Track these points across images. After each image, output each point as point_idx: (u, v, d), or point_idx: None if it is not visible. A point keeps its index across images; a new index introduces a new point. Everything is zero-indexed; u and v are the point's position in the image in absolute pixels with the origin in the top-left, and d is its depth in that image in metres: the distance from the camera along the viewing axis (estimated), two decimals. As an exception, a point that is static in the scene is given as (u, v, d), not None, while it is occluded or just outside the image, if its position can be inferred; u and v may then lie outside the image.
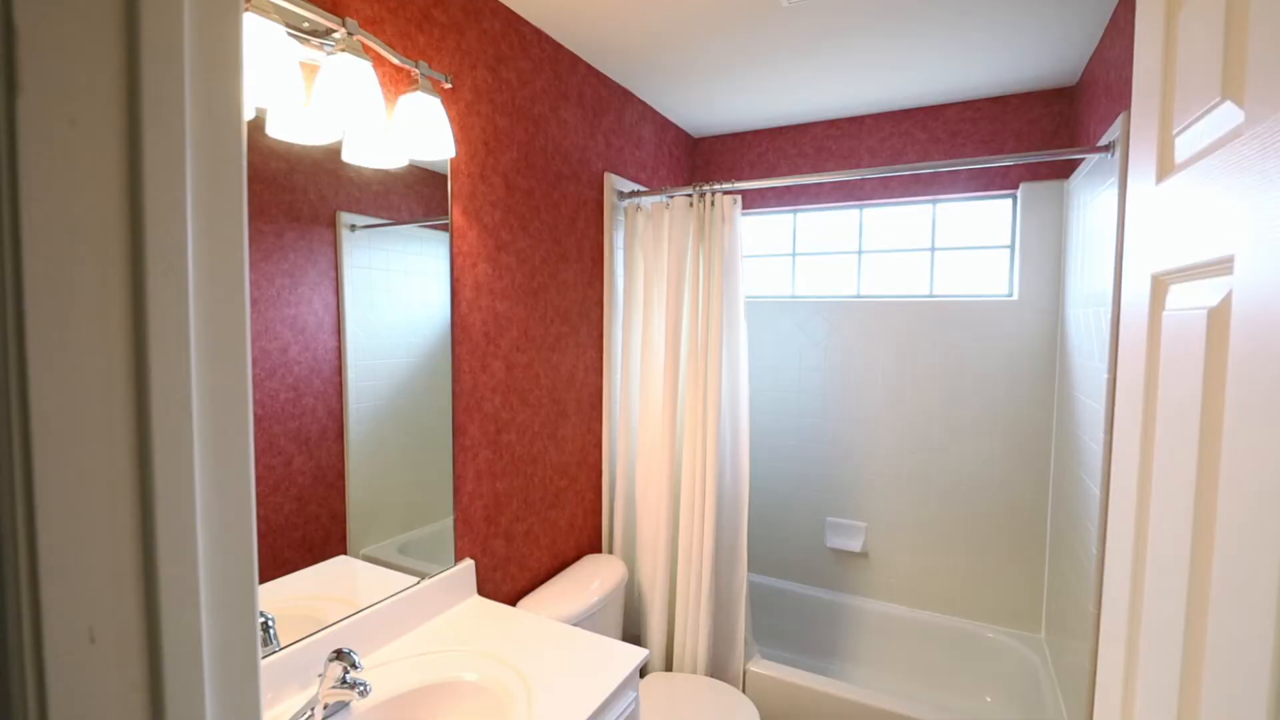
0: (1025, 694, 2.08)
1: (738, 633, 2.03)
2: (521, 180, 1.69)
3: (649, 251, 2.11)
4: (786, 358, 2.67)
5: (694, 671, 1.99)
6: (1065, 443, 2.04)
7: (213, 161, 0.37)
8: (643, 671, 2.06)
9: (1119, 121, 1.49)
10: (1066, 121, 2.20)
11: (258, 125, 1.07)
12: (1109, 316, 1.51)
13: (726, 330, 1.99)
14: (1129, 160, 0.71)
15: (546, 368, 1.81)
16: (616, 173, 2.18)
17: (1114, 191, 1.53)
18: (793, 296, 2.72)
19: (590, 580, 1.81)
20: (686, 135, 2.72)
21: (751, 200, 2.75)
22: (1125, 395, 0.69)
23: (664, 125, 2.50)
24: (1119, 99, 1.59)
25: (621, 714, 1.20)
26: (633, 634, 2.15)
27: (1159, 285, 0.62)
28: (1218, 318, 0.48)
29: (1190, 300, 0.54)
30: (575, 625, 1.57)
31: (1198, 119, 0.55)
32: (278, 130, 1.09)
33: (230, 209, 0.39)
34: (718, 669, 2.04)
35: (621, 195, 2.16)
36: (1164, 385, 0.59)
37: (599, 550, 2.13)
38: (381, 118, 1.14)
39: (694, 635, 2.00)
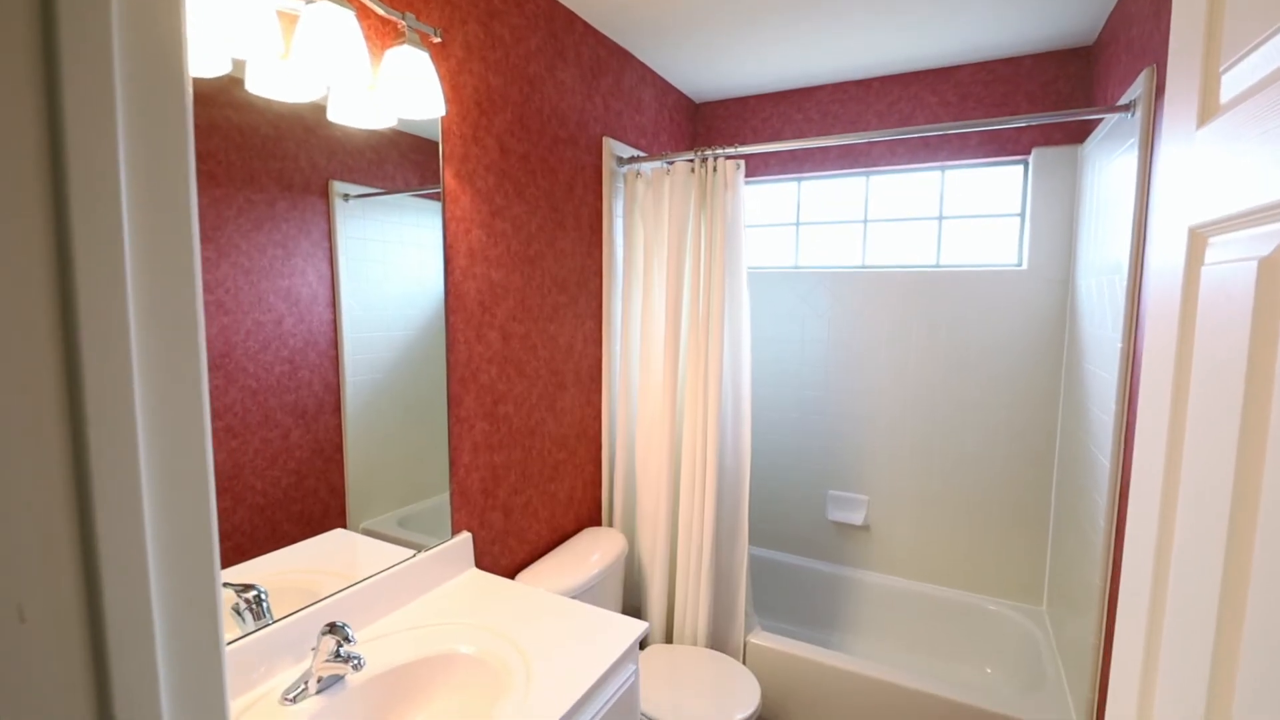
0: (1026, 666, 2.09)
1: (738, 605, 2.03)
2: (516, 143, 1.63)
3: (649, 219, 2.06)
4: (789, 329, 2.62)
5: (694, 644, 1.99)
6: (1072, 414, 2.01)
7: (148, 81, 0.32)
8: (643, 644, 2.06)
9: (1142, 78, 1.43)
10: (1082, 83, 2.12)
11: (237, 81, 1.02)
12: (1125, 284, 1.46)
13: (729, 301, 1.95)
14: (1165, 106, 0.66)
15: (544, 338, 1.77)
16: (616, 137, 2.11)
17: (1133, 154, 1.47)
18: (795, 267, 2.66)
19: (590, 553, 1.79)
20: (688, 100, 2.63)
21: (754, 167, 2.67)
22: (1153, 360, 0.65)
23: (665, 89, 2.42)
24: (1141, 55, 1.52)
25: (621, 686, 1.19)
26: (633, 606, 2.15)
27: (1196, 239, 0.58)
28: (1270, 267, 0.44)
29: (1235, 252, 0.50)
30: (574, 598, 1.55)
31: (1252, 50, 0.50)
32: (257, 85, 1.04)
33: (174, 148, 0.34)
34: (718, 641, 2.03)
35: (621, 161, 2.10)
36: (1199, 346, 0.55)
37: (599, 523, 2.12)
38: (366, 72, 1.08)
39: (694, 608, 1.99)
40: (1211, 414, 0.51)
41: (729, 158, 1.92)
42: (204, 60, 0.96)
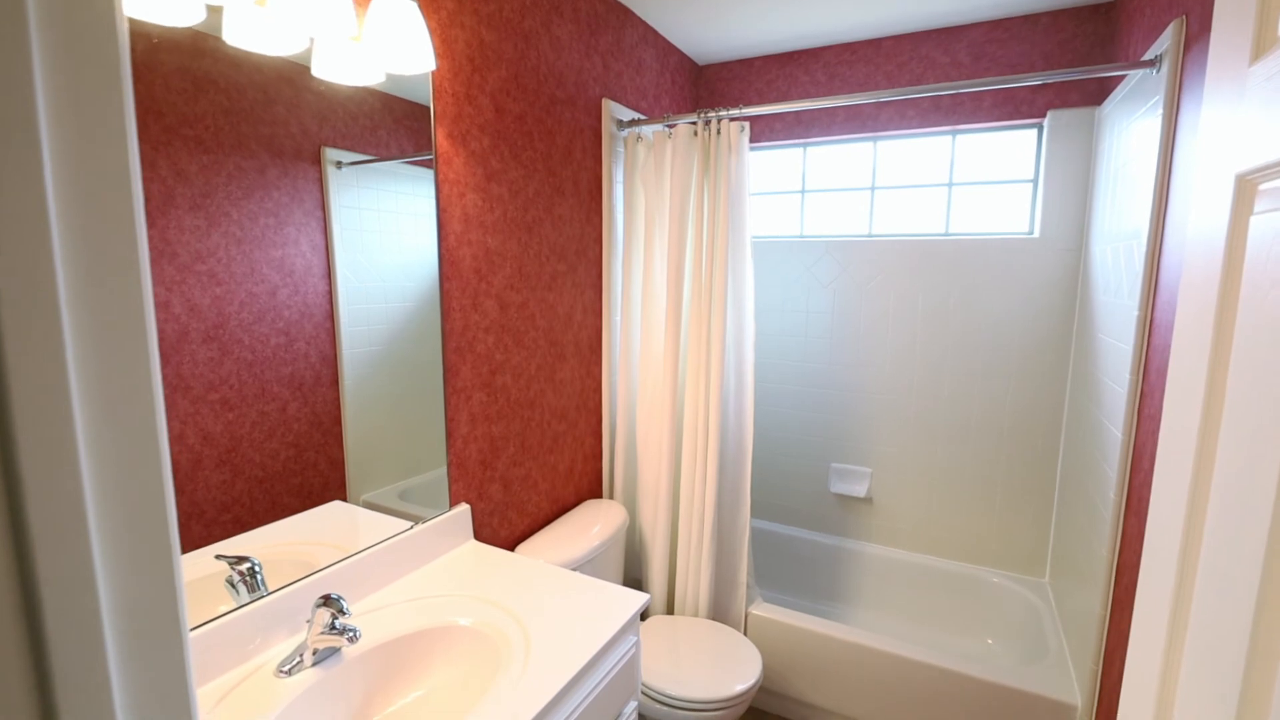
0: (1028, 637, 2.09)
1: (740, 577, 2.02)
2: (512, 103, 1.56)
3: (650, 185, 1.99)
4: (793, 299, 2.58)
5: (696, 615, 1.99)
6: (1082, 385, 1.97)
7: (73, 25, 0.28)
8: (644, 615, 2.06)
9: (1169, 31, 1.35)
10: (1102, 41, 2.04)
11: (214, 35, 0.96)
12: (1144, 250, 1.41)
13: (732, 270, 1.90)
14: (1212, 42, 0.61)
15: (543, 308, 1.72)
16: (616, 99, 2.03)
17: (1156, 114, 1.41)
18: (800, 236, 2.60)
19: (590, 525, 1.78)
20: (690, 61, 2.54)
21: (759, 132, 2.59)
22: (1187, 321, 0.61)
23: (667, 49, 2.33)
24: (1168, 8, 1.44)
25: (622, 658, 1.18)
26: (634, 578, 2.14)
27: (1244, 187, 0.53)
28: (1340, 211, 0.39)
29: (1293, 197, 0.45)
30: (575, 570, 1.54)
31: (1323, -32, 0.44)
32: (235, 35, 0.98)
33: (107, 97, 0.30)
34: (719, 613, 2.03)
35: (621, 124, 2.03)
36: (1245, 302, 0.51)
37: (599, 495, 2.10)
38: (350, 21, 1.02)
39: (696, 579, 1.99)
40: (1259, 376, 0.47)
41: (733, 119, 1.85)
42: (172, 5, 0.90)
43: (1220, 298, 0.54)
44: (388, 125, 1.24)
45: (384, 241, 1.26)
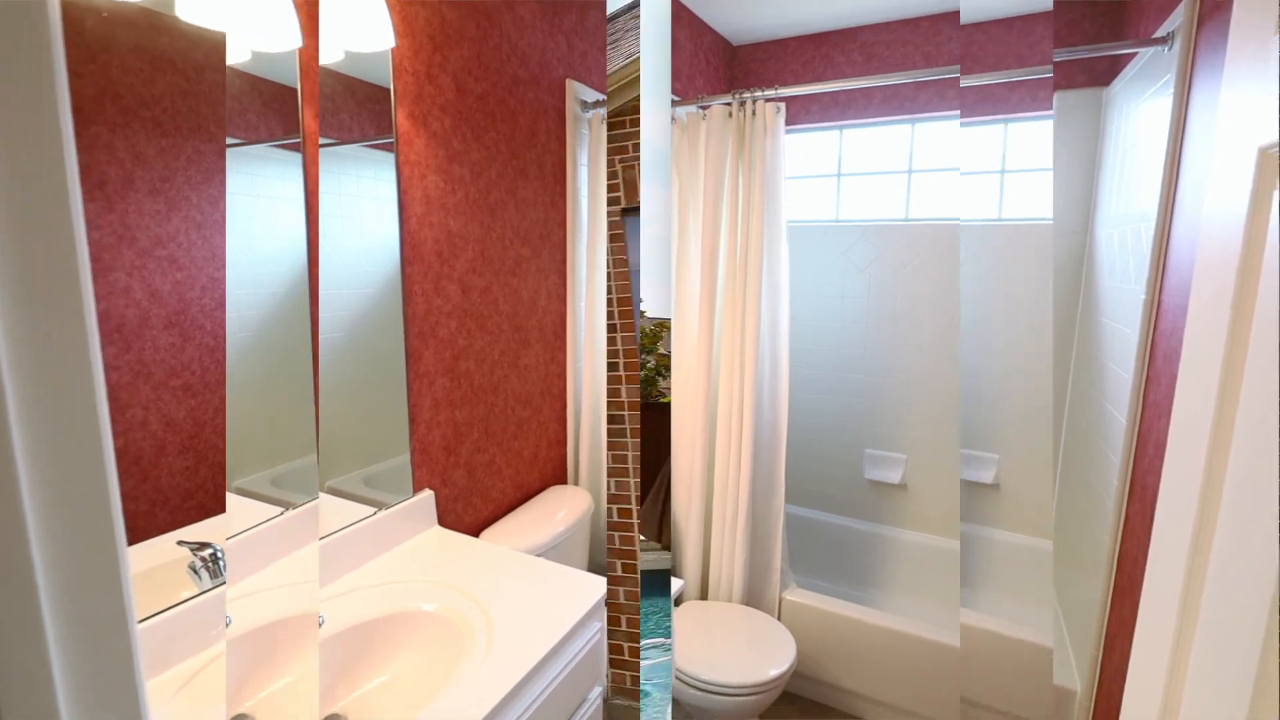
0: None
1: (774, 562, 2.00)
2: (474, 84, 1.48)
3: (684, 167, 1.94)
4: (827, 284, 2.52)
5: (730, 600, 1.97)
6: (1085, 371, 1.91)
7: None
8: (678, 600, 2.02)
9: (1182, 8, 1.27)
10: (1110, 22, 1.96)
11: (169, 12, 0.89)
12: (1152, 233, 1.34)
13: (767, 253, 1.85)
14: (1234, 11, 0.55)
15: (506, 292, 1.66)
16: (580, 80, 1.90)
17: (1167, 93, 1.33)
18: (836, 220, 2.52)
19: (555, 511, 1.73)
20: (725, 41, 2.44)
21: (794, 115, 2.51)
22: (1204, 304, 0.56)
23: (700, 29, 2.22)
24: (1180, -16, 1.35)
25: (586, 644, 1.14)
26: (600, 564, 2.10)
27: (1267, 161, 0.48)
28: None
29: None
30: (540, 556, 1.50)
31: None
32: (189, 11, 0.91)
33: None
34: (753, 598, 2.01)
35: (585, 105, 1.92)
36: (1265, 283, 0.46)
37: (564, 482, 2.05)
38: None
39: (730, 564, 1.97)
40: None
41: (768, 100, 1.77)
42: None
43: (1239, 276, 0.49)
44: (349, 109, 1.19)
45: (345, 227, 1.21)
